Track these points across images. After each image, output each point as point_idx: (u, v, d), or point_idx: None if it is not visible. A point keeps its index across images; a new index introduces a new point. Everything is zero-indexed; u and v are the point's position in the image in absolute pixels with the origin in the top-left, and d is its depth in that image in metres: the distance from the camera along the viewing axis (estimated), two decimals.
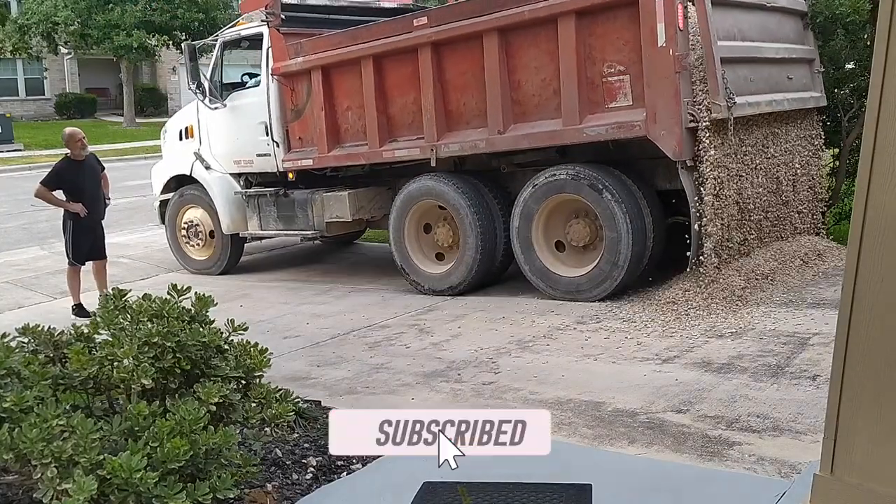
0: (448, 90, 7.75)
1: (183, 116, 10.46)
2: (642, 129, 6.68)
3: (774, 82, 7.58)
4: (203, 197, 9.84)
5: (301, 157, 9.04)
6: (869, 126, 2.15)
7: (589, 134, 6.96)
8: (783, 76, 7.70)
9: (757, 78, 7.31)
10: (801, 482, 3.14)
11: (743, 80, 7.04)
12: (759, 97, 7.22)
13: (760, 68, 7.41)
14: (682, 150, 6.59)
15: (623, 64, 6.75)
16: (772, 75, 7.57)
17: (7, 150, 26.25)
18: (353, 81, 8.38)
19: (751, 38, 7.33)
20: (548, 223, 7.47)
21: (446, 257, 8.24)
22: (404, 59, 7.94)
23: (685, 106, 6.53)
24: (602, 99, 6.90)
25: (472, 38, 7.42)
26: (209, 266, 9.99)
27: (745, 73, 7.13)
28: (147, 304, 3.73)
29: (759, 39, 7.44)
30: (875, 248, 2.17)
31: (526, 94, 7.32)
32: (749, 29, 7.33)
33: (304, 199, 9.05)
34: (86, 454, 2.89)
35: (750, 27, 7.35)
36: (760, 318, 6.20)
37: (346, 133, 8.67)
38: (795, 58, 7.96)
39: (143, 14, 30.34)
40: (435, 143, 7.85)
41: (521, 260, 7.53)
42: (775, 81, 7.59)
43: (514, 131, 7.40)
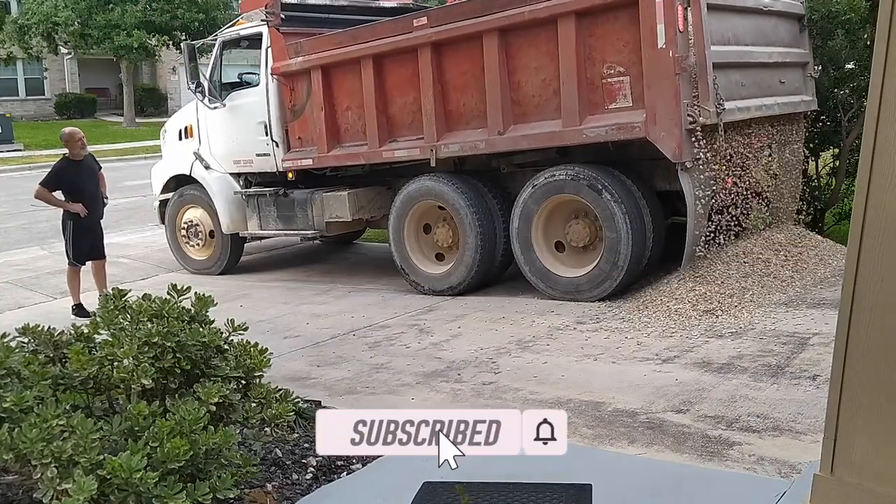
0: (448, 90, 7.75)
1: (182, 116, 10.45)
2: (642, 131, 6.69)
3: (766, 86, 7.61)
4: (203, 197, 9.84)
5: (301, 156, 9.04)
6: (869, 126, 2.15)
7: (589, 135, 6.97)
8: (776, 80, 7.74)
9: (749, 82, 7.35)
10: (801, 482, 3.14)
11: (734, 85, 7.09)
12: (749, 102, 7.26)
13: (753, 72, 7.45)
14: (681, 152, 6.60)
15: (623, 65, 6.75)
16: (764, 79, 7.60)
17: (7, 150, 26.24)
18: (352, 81, 8.38)
19: (745, 42, 7.35)
20: (547, 223, 7.47)
21: (446, 257, 8.24)
22: (404, 59, 7.93)
23: (685, 108, 6.54)
24: (602, 100, 6.90)
25: (472, 38, 7.41)
26: (209, 266, 9.99)
27: (737, 77, 7.17)
28: (147, 304, 3.73)
29: (753, 43, 7.46)
30: (875, 248, 2.17)
31: (526, 95, 7.32)
32: (743, 33, 7.35)
33: (303, 199, 9.05)
34: (86, 454, 2.89)
35: (744, 31, 7.37)
36: (760, 318, 6.20)
37: (346, 133, 8.66)
38: (789, 62, 7.99)
39: (143, 14, 30.33)
40: (435, 144, 7.85)
41: (521, 260, 7.53)
42: (767, 85, 7.62)
43: (513, 132, 7.40)
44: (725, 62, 6.91)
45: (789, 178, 8.05)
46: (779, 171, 7.78)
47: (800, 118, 8.25)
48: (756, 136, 7.49)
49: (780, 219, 7.92)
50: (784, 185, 7.95)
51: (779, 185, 7.80)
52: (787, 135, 8.00)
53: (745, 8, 7.42)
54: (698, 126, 6.58)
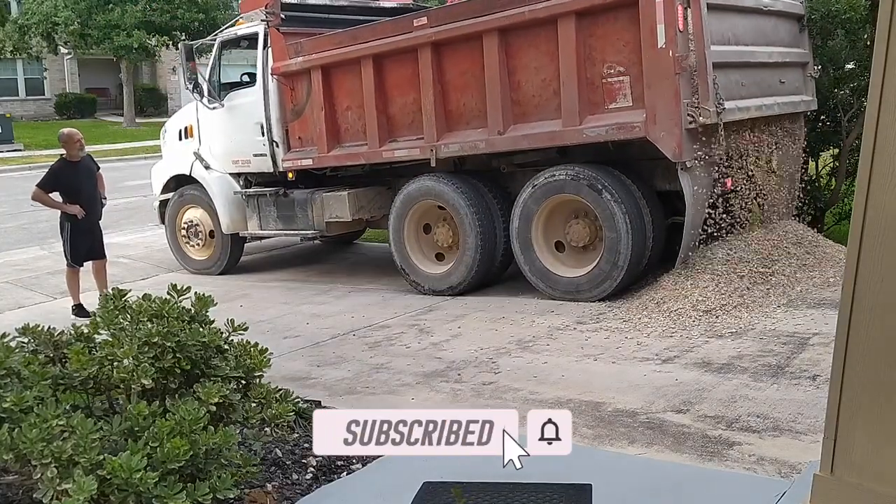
0: (448, 90, 7.75)
1: (182, 116, 10.47)
2: (642, 131, 6.69)
3: (766, 86, 7.62)
4: (203, 197, 9.85)
5: (301, 156, 9.04)
6: (869, 126, 2.15)
7: (589, 135, 6.97)
8: (776, 80, 7.75)
9: (749, 82, 7.36)
10: (801, 482, 3.14)
11: (734, 85, 7.09)
12: (749, 101, 7.28)
13: (753, 72, 7.45)
14: (681, 152, 6.61)
15: (623, 65, 6.75)
16: (764, 79, 7.61)
17: (7, 150, 26.24)
18: (353, 81, 8.38)
19: (745, 42, 7.35)
20: (547, 223, 7.48)
21: (446, 257, 8.24)
22: (404, 60, 7.94)
23: (685, 107, 6.54)
24: (602, 100, 6.90)
25: (472, 38, 7.42)
26: (209, 266, 9.99)
27: (737, 77, 7.18)
28: (147, 304, 3.73)
29: (754, 43, 7.46)
30: (875, 248, 2.17)
31: (526, 95, 7.32)
32: (743, 33, 7.35)
33: (303, 199, 9.05)
34: (86, 454, 2.89)
35: (744, 31, 7.37)
36: (760, 318, 6.19)
37: (346, 133, 8.66)
38: (789, 62, 7.99)
39: (143, 14, 30.33)
40: (435, 144, 7.85)
41: (521, 260, 7.53)
42: (767, 85, 7.63)
43: (513, 132, 7.40)
44: (725, 62, 6.91)
45: (789, 178, 8.06)
46: (778, 170, 7.79)
47: (800, 118, 8.26)
48: (756, 135, 7.49)
49: (779, 218, 7.93)
50: (783, 184, 7.95)
51: (778, 185, 7.81)
52: (787, 134, 8.00)
53: (745, 8, 7.41)
54: (698, 126, 6.58)
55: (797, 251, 7.53)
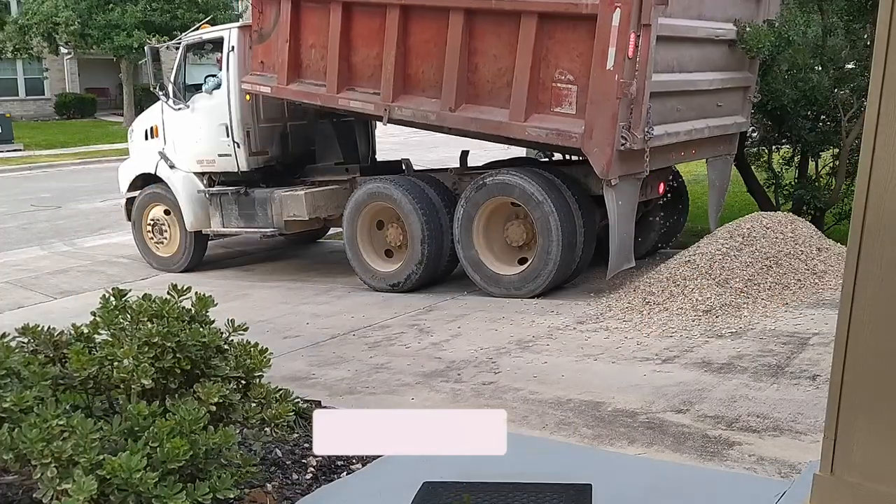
0: (410, 54, 7.86)
1: (148, 116, 10.64)
2: (578, 142, 7.00)
3: (702, 109, 7.87)
4: (167, 195, 9.99)
5: (261, 82, 9.06)
6: (869, 126, 2.15)
7: (531, 133, 7.24)
8: (713, 104, 7.99)
9: (686, 107, 7.61)
10: (801, 482, 3.15)
11: (670, 110, 7.35)
12: (679, 126, 7.52)
13: (691, 98, 7.68)
14: (609, 171, 6.93)
15: (573, 74, 6.97)
16: (701, 104, 7.84)
17: (7, 151, 26.22)
18: (321, 20, 8.42)
19: (688, 69, 7.53)
20: (488, 224, 7.82)
21: (395, 255, 8.50)
22: (372, 13, 8.00)
23: (619, 129, 6.77)
24: (549, 101, 7.12)
25: (440, 10, 7.53)
26: (173, 263, 10.14)
27: (674, 103, 7.42)
28: (147, 304, 3.73)
29: (698, 69, 7.64)
30: (875, 248, 2.17)
31: (481, 79, 7.50)
32: (689, 61, 7.52)
33: (263, 198, 9.24)
34: (86, 454, 2.89)
35: (690, 59, 7.54)
36: (760, 318, 6.20)
37: (307, 70, 8.72)
38: (730, 87, 8.18)
39: (143, 14, 30.33)
40: (389, 104, 7.98)
41: (463, 258, 7.87)
42: (703, 109, 7.87)
43: (463, 112, 7.60)
44: (665, 91, 7.15)
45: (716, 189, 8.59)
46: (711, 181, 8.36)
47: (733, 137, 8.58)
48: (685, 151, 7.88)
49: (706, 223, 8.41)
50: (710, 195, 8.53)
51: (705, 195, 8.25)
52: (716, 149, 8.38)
53: (698, 38, 7.57)
54: (629, 147, 6.83)
55: (798, 251, 7.53)
